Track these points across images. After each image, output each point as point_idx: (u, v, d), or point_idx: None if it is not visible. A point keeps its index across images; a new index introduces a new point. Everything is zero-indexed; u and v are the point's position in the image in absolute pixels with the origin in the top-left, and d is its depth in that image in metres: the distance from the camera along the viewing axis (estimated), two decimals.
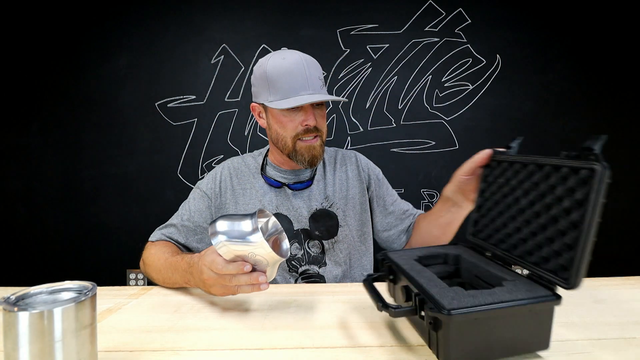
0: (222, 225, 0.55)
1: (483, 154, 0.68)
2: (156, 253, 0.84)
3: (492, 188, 0.62)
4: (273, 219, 0.64)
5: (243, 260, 0.56)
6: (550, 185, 0.49)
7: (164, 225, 0.96)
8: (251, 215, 0.56)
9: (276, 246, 0.63)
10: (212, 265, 0.58)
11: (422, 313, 0.44)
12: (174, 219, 0.95)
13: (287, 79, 0.82)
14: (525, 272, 0.50)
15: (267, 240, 0.55)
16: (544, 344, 0.44)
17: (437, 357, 0.43)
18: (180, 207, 0.97)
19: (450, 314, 0.40)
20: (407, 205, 1.03)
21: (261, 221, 0.61)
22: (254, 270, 0.57)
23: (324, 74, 0.93)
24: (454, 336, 0.41)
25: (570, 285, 0.42)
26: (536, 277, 0.47)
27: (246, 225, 0.54)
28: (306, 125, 0.85)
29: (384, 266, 0.60)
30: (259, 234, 0.53)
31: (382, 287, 0.59)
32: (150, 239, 0.94)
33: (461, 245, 0.66)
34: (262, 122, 0.94)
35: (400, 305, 0.49)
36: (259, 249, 0.54)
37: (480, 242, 0.61)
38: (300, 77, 0.82)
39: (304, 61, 0.84)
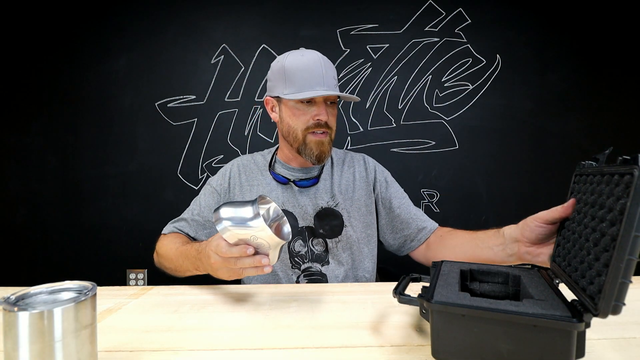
0: (225, 211, 0.58)
1: (569, 204, 0.56)
2: (168, 244, 0.89)
3: (575, 206, 0.55)
4: (274, 205, 0.67)
5: (246, 244, 0.59)
6: (606, 195, 0.43)
7: (175, 219, 0.99)
8: (252, 202, 0.59)
9: (278, 232, 0.66)
10: (217, 249, 0.61)
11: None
12: (185, 214, 0.99)
13: (303, 74, 0.85)
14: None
15: (270, 226, 0.57)
16: None
17: None
18: (192, 202, 1.01)
19: (430, 302, 0.42)
20: (417, 211, 0.99)
21: (263, 207, 0.64)
22: (257, 253, 0.59)
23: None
24: (438, 327, 0.42)
25: (597, 311, 0.37)
26: (577, 302, 0.42)
27: (247, 210, 0.57)
28: (318, 119, 0.87)
29: (432, 269, 0.59)
30: (260, 219, 0.56)
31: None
32: (162, 232, 0.98)
33: (535, 269, 0.58)
34: (274, 116, 0.96)
35: (409, 295, 0.50)
36: (261, 232, 0.56)
37: (555, 267, 0.55)
38: (317, 74, 0.85)
39: (321, 60, 0.87)
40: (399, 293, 0.49)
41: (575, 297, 0.44)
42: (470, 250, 0.82)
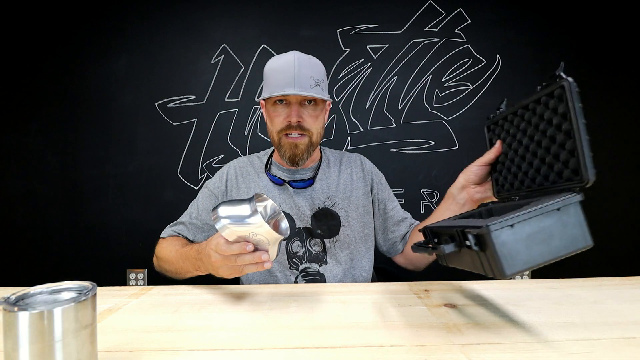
0: (223, 210, 0.59)
1: (498, 144, 0.70)
2: (167, 247, 0.89)
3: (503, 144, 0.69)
4: (271, 202, 0.67)
5: (245, 241, 0.59)
6: (539, 116, 0.57)
7: (174, 222, 0.99)
8: (249, 200, 0.60)
9: (275, 227, 0.66)
10: (217, 248, 0.62)
11: (467, 243, 0.48)
12: (183, 217, 0.98)
13: (277, 76, 0.86)
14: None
15: (268, 223, 0.58)
16: (586, 240, 0.46)
17: (494, 275, 0.46)
18: (190, 205, 1.00)
19: (488, 226, 0.45)
20: (406, 214, 1.04)
21: (260, 205, 0.65)
22: (256, 250, 0.60)
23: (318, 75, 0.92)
24: (499, 247, 0.44)
25: (584, 180, 0.49)
26: (558, 192, 0.52)
27: (245, 208, 0.58)
28: (288, 121, 0.87)
29: (426, 235, 0.63)
30: (258, 215, 0.57)
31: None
32: (161, 236, 0.98)
33: (489, 203, 0.72)
34: (266, 118, 0.98)
35: (440, 245, 0.53)
36: (259, 228, 0.57)
37: (506, 194, 0.68)
38: (288, 75, 0.84)
39: (296, 60, 0.86)
40: (436, 247, 0.53)
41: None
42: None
